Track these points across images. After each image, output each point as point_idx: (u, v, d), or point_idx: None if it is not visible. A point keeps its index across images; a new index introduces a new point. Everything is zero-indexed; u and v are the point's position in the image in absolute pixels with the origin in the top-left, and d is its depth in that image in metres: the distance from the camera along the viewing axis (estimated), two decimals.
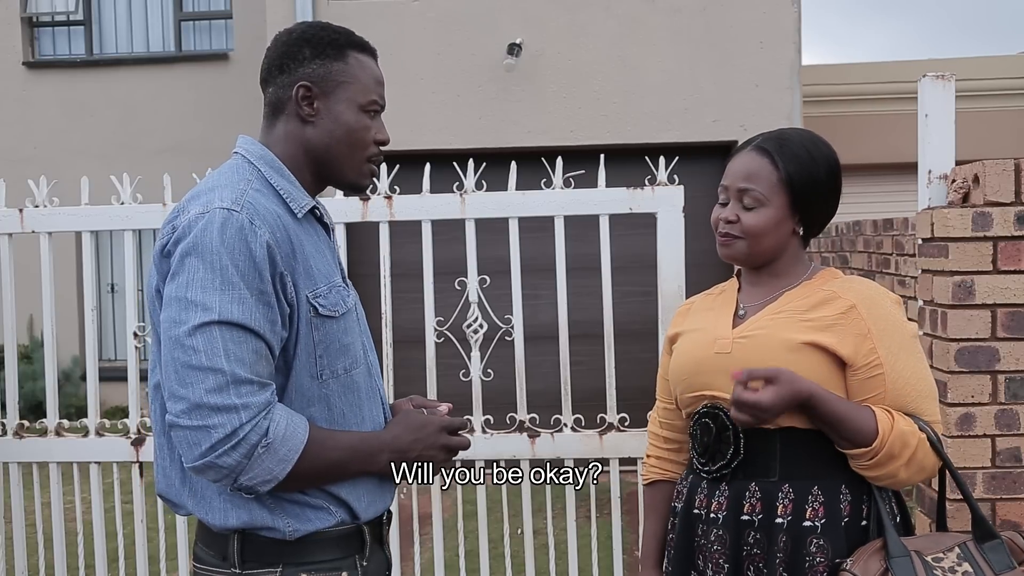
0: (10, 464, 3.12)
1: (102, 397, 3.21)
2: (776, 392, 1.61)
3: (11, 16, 9.81)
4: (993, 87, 8.81)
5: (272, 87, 1.66)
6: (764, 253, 1.79)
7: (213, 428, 1.43)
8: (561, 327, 3.02)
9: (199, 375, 1.44)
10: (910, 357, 1.72)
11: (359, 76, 1.65)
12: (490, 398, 3.07)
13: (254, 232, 1.49)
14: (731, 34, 6.92)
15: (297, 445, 1.50)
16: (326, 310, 1.59)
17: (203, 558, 1.63)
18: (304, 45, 1.63)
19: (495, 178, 3.25)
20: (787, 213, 1.77)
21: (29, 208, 3.06)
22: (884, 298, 1.75)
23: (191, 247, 1.48)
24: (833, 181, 1.80)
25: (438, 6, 7.07)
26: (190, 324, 1.45)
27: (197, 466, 1.46)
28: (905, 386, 1.71)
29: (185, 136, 9.44)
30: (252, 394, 1.45)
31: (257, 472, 1.47)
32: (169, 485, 1.64)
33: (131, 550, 3.24)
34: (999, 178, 2.52)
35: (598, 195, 2.96)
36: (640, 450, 2.96)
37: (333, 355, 1.60)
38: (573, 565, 3.04)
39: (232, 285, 1.46)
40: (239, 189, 1.54)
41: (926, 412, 1.73)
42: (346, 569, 1.60)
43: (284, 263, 1.53)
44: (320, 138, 1.64)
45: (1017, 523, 2.57)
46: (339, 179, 1.69)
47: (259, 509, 1.55)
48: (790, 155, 1.75)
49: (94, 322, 3.13)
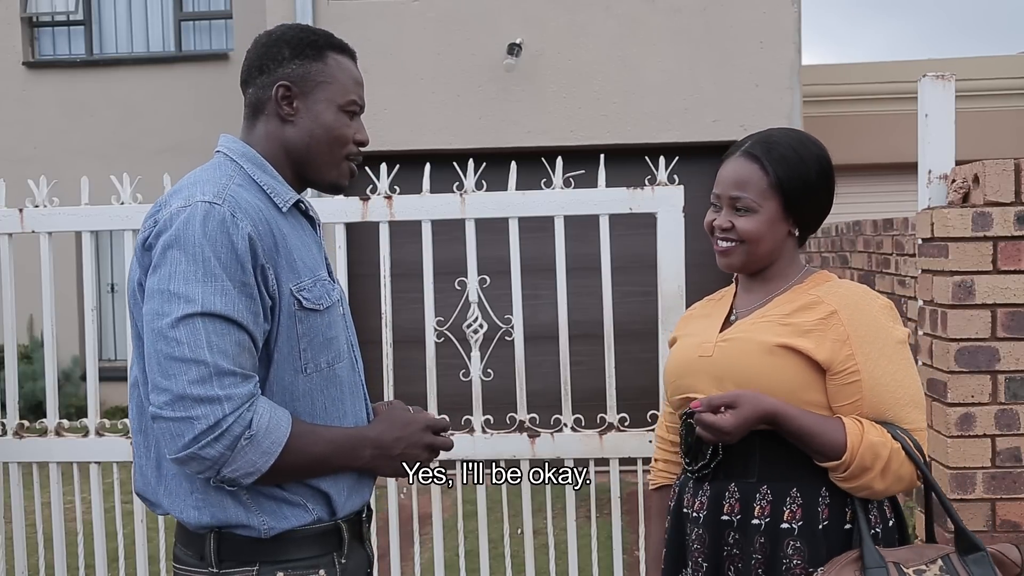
0: (10, 464, 3.12)
1: (102, 397, 3.21)
2: (736, 416, 1.64)
3: (11, 16, 9.81)
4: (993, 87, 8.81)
5: (252, 88, 1.67)
6: (762, 257, 1.79)
7: (196, 419, 1.43)
8: (561, 327, 3.02)
9: (182, 367, 1.44)
10: (891, 364, 1.69)
11: (338, 76, 1.67)
12: (490, 398, 3.07)
13: (236, 224, 1.50)
14: (731, 34, 6.92)
15: (280, 438, 1.50)
16: (310, 303, 1.59)
17: (182, 558, 1.63)
18: (283, 46, 1.65)
19: (495, 178, 3.25)
20: (780, 216, 1.76)
21: (29, 208, 3.06)
22: (870, 303, 1.72)
23: (173, 240, 1.48)
24: (824, 180, 1.78)
25: (438, 6, 7.07)
26: (173, 316, 1.45)
27: (180, 457, 1.46)
28: (883, 393, 1.68)
29: (185, 136, 9.44)
30: (235, 385, 1.45)
31: (240, 464, 1.47)
32: (146, 484, 1.64)
33: (131, 550, 3.24)
34: (999, 178, 2.52)
35: (598, 195, 2.96)
36: (640, 450, 2.97)
37: (317, 348, 1.60)
38: (573, 565, 3.04)
39: (214, 277, 1.47)
40: (221, 184, 1.55)
41: (906, 420, 1.70)
42: (324, 567, 1.59)
43: (266, 256, 1.53)
44: (300, 137, 1.65)
45: (1017, 523, 2.57)
46: (318, 178, 1.70)
47: (234, 507, 1.55)
48: (778, 158, 1.74)
49: (94, 322, 3.13)
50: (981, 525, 2.58)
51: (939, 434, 2.65)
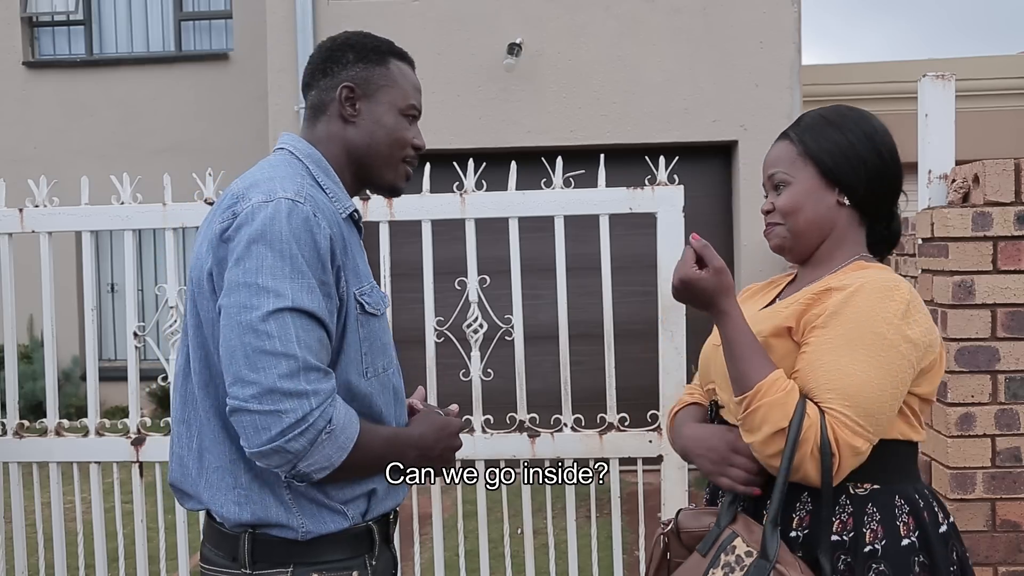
0: (10, 464, 3.12)
1: (102, 397, 3.21)
2: (702, 276, 1.57)
3: (11, 16, 9.81)
4: (993, 87, 8.80)
5: (315, 90, 1.71)
6: (805, 232, 1.67)
7: (284, 413, 1.43)
8: (561, 327, 3.02)
9: (273, 360, 1.44)
10: (848, 349, 1.49)
11: (399, 81, 1.72)
12: (490, 398, 3.07)
13: (318, 224, 1.52)
14: (731, 34, 6.91)
15: (353, 434, 1.52)
16: (371, 307, 1.63)
17: (211, 559, 1.63)
18: (348, 50, 1.70)
19: (495, 178, 3.25)
20: (819, 184, 1.65)
21: (29, 208, 3.05)
22: (882, 294, 1.52)
23: (258, 234, 1.49)
24: (870, 143, 1.65)
25: (438, 6, 7.07)
26: (264, 310, 1.46)
27: (263, 451, 1.46)
28: (814, 372, 1.51)
29: (185, 136, 9.44)
30: (320, 381, 1.47)
31: (317, 459, 1.48)
32: (185, 475, 1.64)
33: (131, 550, 3.24)
34: (999, 178, 2.52)
35: (598, 195, 2.96)
36: (640, 450, 2.97)
37: (375, 353, 1.64)
38: (573, 565, 3.04)
39: (301, 274, 1.48)
40: (298, 182, 1.57)
41: (832, 407, 1.49)
42: (356, 568, 1.61)
43: (341, 257, 1.57)
44: (361, 138, 1.69)
45: (1017, 523, 2.57)
46: (377, 179, 1.74)
47: (276, 506, 1.56)
48: (805, 127, 1.69)
49: (94, 322, 3.13)
50: (981, 525, 2.58)
51: (939, 434, 2.65)
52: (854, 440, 1.47)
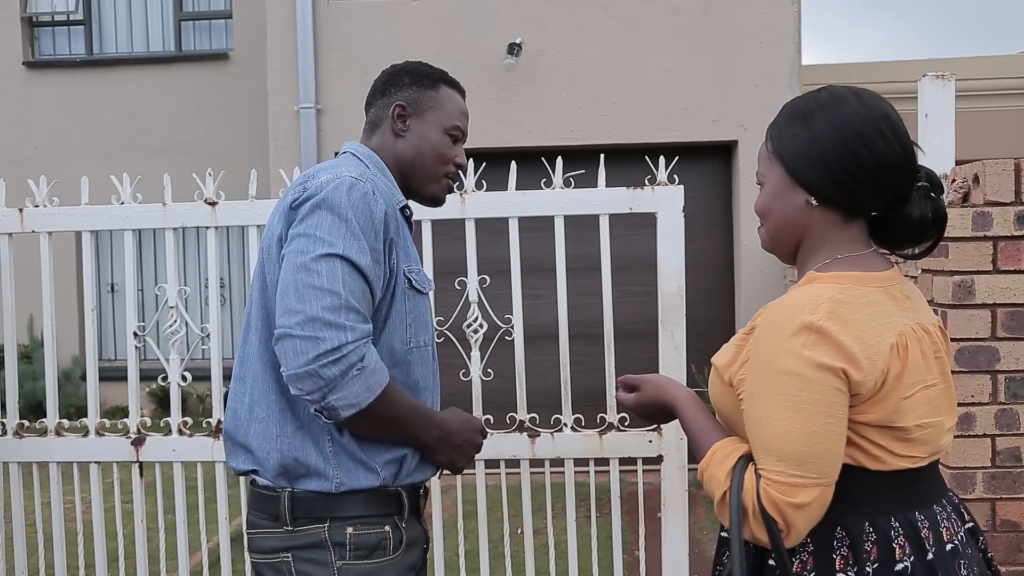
0: (10, 464, 3.12)
1: (102, 397, 3.21)
2: (636, 398, 1.69)
3: (11, 16, 9.80)
4: (993, 87, 8.80)
5: (373, 108, 1.96)
6: (778, 234, 1.56)
7: (322, 340, 1.59)
8: (561, 327, 3.02)
9: (318, 294, 1.62)
10: (762, 398, 1.40)
11: (447, 105, 1.95)
12: (490, 398, 3.07)
13: (376, 199, 1.73)
14: (731, 34, 6.91)
15: (382, 380, 1.67)
16: (417, 284, 1.83)
17: (255, 522, 1.79)
18: (405, 75, 1.95)
19: (495, 178, 3.25)
20: (786, 184, 1.50)
21: (29, 208, 3.05)
22: (784, 322, 1.39)
23: (321, 201, 1.70)
24: (833, 132, 1.46)
25: (438, 6, 7.07)
26: (317, 252, 1.65)
27: (299, 373, 1.60)
28: (749, 431, 1.44)
29: (185, 136, 9.44)
30: (359, 321, 1.64)
31: (345, 393, 1.62)
32: (237, 425, 1.81)
33: (131, 550, 3.24)
34: (999, 178, 2.52)
35: (598, 195, 2.96)
36: (640, 450, 2.97)
37: (418, 328, 1.84)
38: (573, 565, 3.04)
39: (355, 236, 1.68)
40: (360, 169, 1.80)
41: (761, 465, 1.39)
42: (388, 524, 1.76)
43: (393, 234, 1.77)
44: (408, 151, 1.92)
45: (1017, 523, 2.57)
46: (420, 189, 1.94)
47: (316, 455, 1.73)
48: (776, 121, 1.55)
49: (94, 322, 3.13)
50: (981, 525, 2.58)
51: None
52: (794, 497, 1.35)
